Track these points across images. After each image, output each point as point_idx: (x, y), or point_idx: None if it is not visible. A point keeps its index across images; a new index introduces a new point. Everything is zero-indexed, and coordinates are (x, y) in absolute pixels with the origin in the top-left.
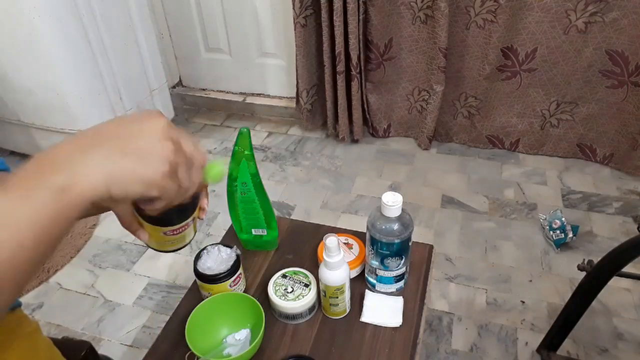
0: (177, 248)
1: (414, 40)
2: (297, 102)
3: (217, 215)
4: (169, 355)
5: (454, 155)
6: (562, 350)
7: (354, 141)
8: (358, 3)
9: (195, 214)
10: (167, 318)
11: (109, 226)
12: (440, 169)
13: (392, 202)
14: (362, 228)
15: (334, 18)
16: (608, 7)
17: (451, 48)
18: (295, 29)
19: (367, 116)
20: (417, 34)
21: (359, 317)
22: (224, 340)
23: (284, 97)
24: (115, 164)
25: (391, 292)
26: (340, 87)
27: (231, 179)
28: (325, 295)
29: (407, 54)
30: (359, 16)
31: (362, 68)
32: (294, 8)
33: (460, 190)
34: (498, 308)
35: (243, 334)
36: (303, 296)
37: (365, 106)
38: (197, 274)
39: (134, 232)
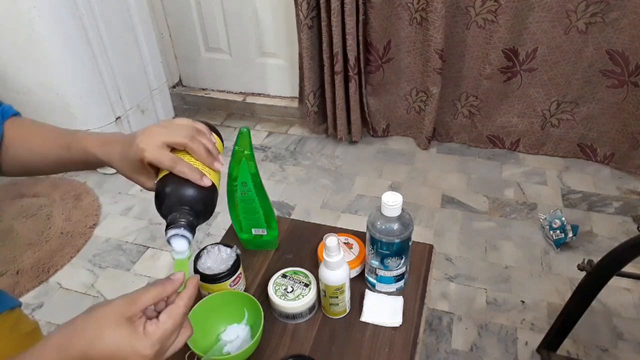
0: None
1: (411, 42)
2: (301, 103)
3: (217, 215)
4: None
5: (454, 155)
6: (562, 350)
7: (353, 142)
8: (357, 3)
9: None
10: None
11: (109, 226)
12: (440, 168)
13: (392, 202)
14: (362, 228)
15: (332, 18)
16: (608, 7)
17: (451, 48)
18: (302, 31)
19: (367, 118)
20: (414, 36)
21: (359, 317)
22: (224, 338)
23: (284, 97)
24: None
25: (391, 291)
26: (339, 88)
27: (231, 179)
28: (325, 295)
29: (404, 55)
30: (357, 17)
31: (362, 70)
32: (300, 10)
33: (460, 190)
34: (498, 308)
35: (242, 331)
36: (303, 296)
37: (365, 108)
38: (197, 273)
39: None
